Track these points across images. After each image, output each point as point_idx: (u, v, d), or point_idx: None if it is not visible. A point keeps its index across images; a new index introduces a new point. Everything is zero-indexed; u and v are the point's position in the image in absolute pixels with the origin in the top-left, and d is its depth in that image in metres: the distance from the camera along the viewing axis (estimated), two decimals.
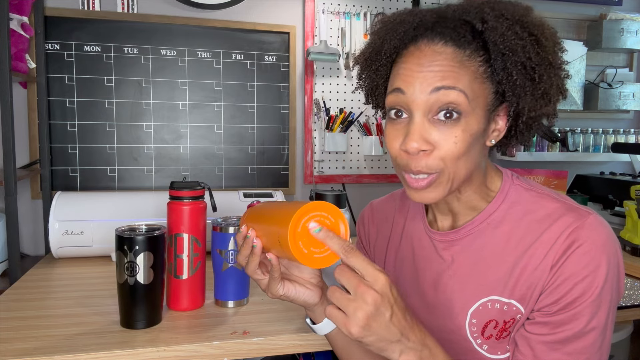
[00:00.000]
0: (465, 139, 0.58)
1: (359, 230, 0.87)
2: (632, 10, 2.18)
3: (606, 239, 0.59)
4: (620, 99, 2.10)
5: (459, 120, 0.58)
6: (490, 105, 0.61)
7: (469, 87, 0.58)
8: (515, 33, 0.58)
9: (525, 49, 0.58)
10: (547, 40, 0.59)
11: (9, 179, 1.25)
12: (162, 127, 1.75)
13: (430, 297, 0.71)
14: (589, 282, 0.58)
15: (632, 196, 1.42)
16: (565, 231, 0.60)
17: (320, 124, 1.89)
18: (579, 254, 0.58)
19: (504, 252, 0.64)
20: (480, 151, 0.63)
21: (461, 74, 0.58)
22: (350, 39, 1.87)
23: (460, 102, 0.57)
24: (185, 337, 0.87)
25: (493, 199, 0.67)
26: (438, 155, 0.59)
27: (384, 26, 0.65)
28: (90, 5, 1.66)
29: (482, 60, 0.59)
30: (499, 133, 0.64)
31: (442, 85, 0.57)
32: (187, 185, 0.99)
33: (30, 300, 1.07)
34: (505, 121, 0.64)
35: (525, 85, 0.59)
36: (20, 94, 1.62)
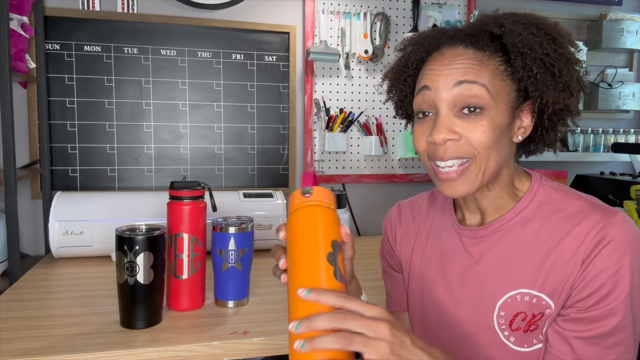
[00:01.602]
0: (491, 128, 0.62)
1: (385, 229, 0.87)
2: (632, 10, 2.18)
3: (634, 236, 0.61)
4: (620, 99, 2.10)
5: (483, 113, 0.62)
6: (514, 102, 0.64)
7: (490, 82, 0.62)
8: (531, 33, 0.62)
9: (542, 45, 0.62)
10: (562, 38, 0.63)
11: (9, 179, 1.25)
12: (162, 127, 1.75)
13: (457, 292, 0.72)
14: (621, 277, 0.59)
15: (632, 196, 1.42)
16: (595, 227, 0.61)
17: (320, 124, 1.89)
18: (610, 250, 0.60)
19: (534, 247, 0.66)
20: (508, 147, 0.66)
21: (482, 70, 0.62)
22: (350, 39, 1.87)
23: (483, 95, 0.62)
24: (185, 337, 0.87)
25: (522, 199, 0.69)
26: (467, 142, 0.63)
27: (410, 42, 0.72)
28: (90, 5, 1.66)
29: (501, 61, 0.63)
30: (525, 130, 0.67)
31: (465, 80, 0.62)
32: (187, 185, 0.99)
33: (30, 300, 1.07)
34: (531, 118, 0.67)
35: (546, 80, 0.62)
36: (20, 94, 1.62)
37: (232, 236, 0.99)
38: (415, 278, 0.79)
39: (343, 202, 1.53)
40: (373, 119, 1.93)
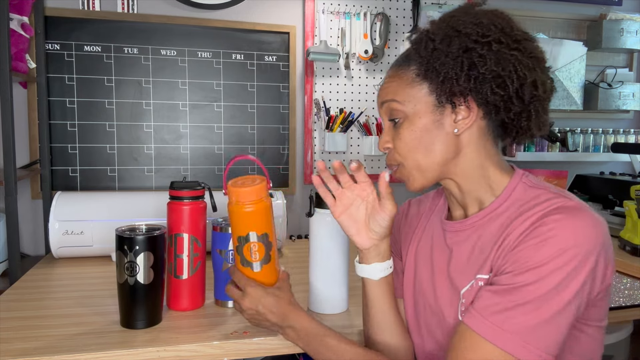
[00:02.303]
0: (410, 133, 0.70)
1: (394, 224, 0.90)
2: (632, 10, 2.18)
3: (580, 223, 0.59)
4: (620, 99, 2.10)
5: (403, 122, 0.71)
6: (436, 100, 0.69)
7: (403, 92, 0.71)
8: (419, 40, 0.70)
9: (423, 46, 0.69)
10: (438, 33, 0.68)
11: (9, 179, 1.25)
12: (162, 127, 1.75)
13: (437, 283, 0.75)
14: (543, 250, 0.58)
15: (632, 196, 1.42)
16: (544, 209, 0.62)
17: (320, 124, 1.89)
18: (543, 225, 0.60)
19: (495, 237, 0.67)
20: (445, 141, 0.70)
21: (398, 85, 0.72)
22: (350, 39, 1.88)
23: (398, 108, 0.71)
24: (185, 337, 0.87)
25: (499, 196, 0.70)
26: (396, 150, 0.73)
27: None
28: (90, 5, 1.66)
29: (415, 69, 0.70)
30: (464, 121, 0.69)
31: (383, 100, 0.74)
32: (187, 185, 0.99)
33: (30, 300, 1.07)
34: (471, 108, 0.68)
35: (434, 75, 0.68)
36: (20, 94, 1.62)
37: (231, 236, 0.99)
38: (410, 268, 0.82)
39: None
40: (373, 119, 1.93)
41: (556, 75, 2.03)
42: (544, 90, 0.68)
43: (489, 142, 0.72)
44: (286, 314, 0.79)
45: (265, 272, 0.83)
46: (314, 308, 0.99)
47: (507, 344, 0.57)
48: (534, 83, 0.66)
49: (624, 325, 1.44)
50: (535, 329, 0.57)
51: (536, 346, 0.57)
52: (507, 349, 0.57)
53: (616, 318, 1.06)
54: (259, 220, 0.81)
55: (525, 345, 0.57)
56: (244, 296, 0.80)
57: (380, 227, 0.74)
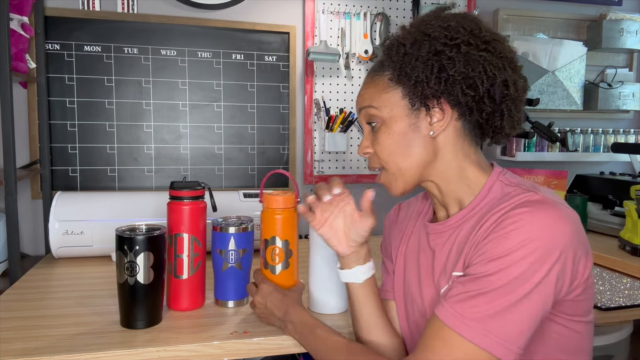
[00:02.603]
0: (387, 137, 0.72)
1: (384, 225, 0.94)
2: (632, 10, 2.18)
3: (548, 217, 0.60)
4: (620, 99, 2.10)
5: (380, 126, 0.73)
6: (411, 103, 0.70)
7: (378, 98, 0.73)
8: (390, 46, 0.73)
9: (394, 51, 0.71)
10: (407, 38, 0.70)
11: (9, 179, 1.25)
12: (162, 127, 1.75)
13: (423, 284, 0.76)
14: (505, 243, 0.59)
15: (632, 196, 1.42)
16: (512, 205, 0.63)
17: (320, 124, 1.90)
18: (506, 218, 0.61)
19: (469, 235, 0.68)
20: (422, 143, 0.71)
21: (373, 91, 0.74)
22: (350, 39, 1.88)
23: (375, 113, 0.73)
24: (185, 337, 0.87)
25: (477, 195, 0.71)
26: (375, 154, 0.75)
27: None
28: (90, 5, 1.66)
29: (389, 74, 0.72)
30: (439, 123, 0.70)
31: (361, 107, 0.76)
32: (187, 185, 0.99)
33: (30, 300, 1.07)
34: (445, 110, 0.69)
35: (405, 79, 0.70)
36: (20, 94, 1.62)
37: (232, 236, 0.99)
38: (399, 271, 0.83)
39: None
40: None
41: (556, 75, 2.03)
42: (515, 89, 0.69)
43: (466, 143, 0.73)
44: (288, 310, 0.85)
45: (283, 276, 0.94)
46: (314, 308, 0.99)
47: (468, 331, 0.58)
48: (505, 82, 0.68)
49: (624, 325, 1.44)
50: (495, 317, 0.57)
51: (496, 334, 0.57)
52: (468, 337, 0.58)
53: (616, 318, 1.06)
54: (282, 227, 0.94)
55: (486, 333, 0.57)
56: (257, 292, 0.90)
57: (360, 237, 0.78)
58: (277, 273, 0.94)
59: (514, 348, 0.57)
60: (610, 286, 1.19)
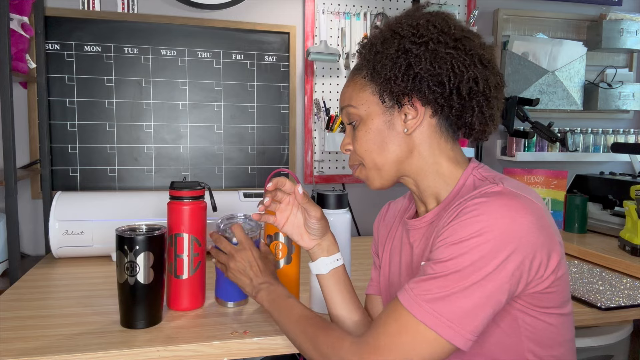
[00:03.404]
0: (365, 135, 0.74)
1: (374, 225, 0.95)
2: (632, 10, 2.19)
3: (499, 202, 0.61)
4: (620, 99, 2.10)
5: (359, 125, 0.76)
6: (385, 101, 0.72)
7: (356, 97, 0.75)
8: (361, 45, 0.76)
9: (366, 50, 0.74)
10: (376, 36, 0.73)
11: (9, 179, 1.25)
12: (162, 127, 1.76)
13: (404, 280, 0.78)
14: (461, 230, 0.61)
15: (632, 196, 1.42)
16: (475, 195, 0.64)
17: (320, 124, 1.90)
18: (463, 207, 0.63)
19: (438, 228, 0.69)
20: (397, 140, 0.73)
21: (352, 90, 0.76)
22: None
23: (353, 112, 0.76)
24: (185, 337, 0.88)
25: (452, 190, 0.73)
26: (355, 151, 0.77)
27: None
28: (91, 5, 1.66)
29: (363, 74, 0.75)
30: (414, 120, 0.72)
31: (342, 106, 0.78)
32: (187, 185, 0.99)
33: (30, 300, 1.07)
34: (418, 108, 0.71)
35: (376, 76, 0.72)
36: (20, 94, 1.62)
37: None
38: (385, 267, 0.86)
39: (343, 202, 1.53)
40: None
41: (556, 75, 2.03)
42: (486, 86, 0.69)
43: (442, 139, 0.74)
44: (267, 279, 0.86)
45: (286, 271, 0.98)
46: (315, 307, 0.99)
47: (419, 311, 0.60)
48: (475, 79, 0.68)
49: (624, 325, 1.44)
50: (445, 300, 0.59)
51: (445, 316, 0.59)
52: (418, 316, 0.60)
53: (616, 318, 1.06)
54: None
55: (435, 314, 0.59)
56: (240, 250, 0.89)
57: (314, 229, 0.83)
58: (280, 267, 0.98)
59: (463, 332, 0.58)
60: (610, 286, 1.19)
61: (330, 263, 0.84)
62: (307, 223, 0.84)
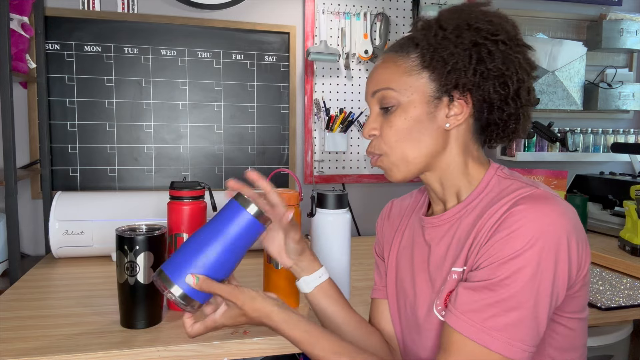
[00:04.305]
0: (401, 123, 0.70)
1: (377, 223, 0.92)
2: (632, 10, 2.19)
3: (547, 210, 0.60)
4: (620, 99, 2.10)
5: (396, 110, 0.70)
6: (434, 92, 0.69)
7: (399, 81, 0.70)
8: (427, 27, 0.70)
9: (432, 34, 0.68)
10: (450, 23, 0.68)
11: (9, 179, 1.25)
12: (162, 127, 1.75)
13: (418, 280, 0.75)
14: (512, 242, 0.59)
15: (632, 196, 1.42)
16: (513, 199, 0.63)
17: (320, 124, 1.90)
18: (511, 215, 0.61)
19: (469, 230, 0.68)
20: (435, 134, 0.70)
21: (392, 72, 0.71)
22: (350, 39, 1.88)
23: (390, 96, 0.70)
24: (185, 337, 0.87)
25: (475, 189, 0.71)
26: (382, 139, 0.72)
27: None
28: (91, 5, 1.66)
29: (415, 57, 0.70)
30: (456, 117, 0.69)
31: (375, 89, 0.72)
32: (187, 185, 0.99)
33: (30, 300, 1.07)
34: (466, 105, 0.69)
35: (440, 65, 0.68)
36: (20, 94, 1.62)
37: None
38: (392, 268, 0.83)
39: (343, 202, 1.53)
40: None
41: (556, 75, 2.03)
42: (533, 97, 0.70)
43: (472, 141, 0.73)
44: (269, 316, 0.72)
45: (285, 271, 0.96)
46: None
47: (490, 341, 0.57)
48: (528, 88, 0.69)
49: (624, 325, 1.44)
50: (516, 325, 0.57)
51: (519, 340, 0.57)
52: (491, 347, 0.57)
53: (616, 318, 1.06)
54: None
55: (510, 341, 0.57)
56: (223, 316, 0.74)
57: (291, 250, 0.79)
58: (279, 267, 0.97)
59: (532, 349, 0.58)
60: (610, 286, 1.19)
61: (313, 281, 0.80)
62: (285, 241, 0.79)
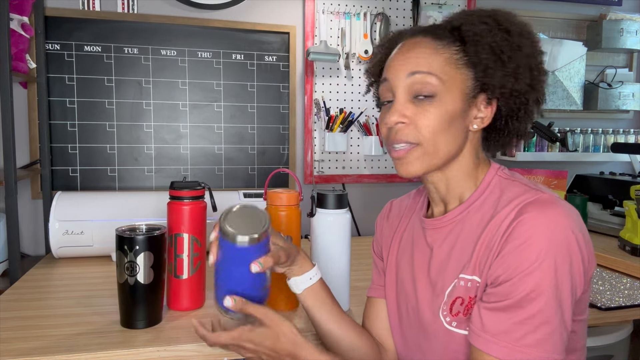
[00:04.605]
0: (440, 114, 0.66)
1: (376, 223, 0.91)
2: (632, 10, 2.18)
3: (555, 216, 0.60)
4: (620, 99, 2.10)
5: (434, 99, 0.66)
6: (470, 90, 0.67)
7: (442, 70, 0.66)
8: (485, 23, 0.67)
9: (492, 33, 0.66)
10: (515, 28, 0.67)
11: (9, 179, 1.25)
12: (162, 127, 1.75)
13: (419, 282, 0.75)
14: (528, 253, 0.59)
15: (632, 196, 1.42)
16: (519, 205, 0.63)
17: (320, 124, 1.90)
18: (522, 224, 0.60)
19: (474, 234, 0.68)
20: (463, 134, 0.69)
21: (435, 59, 0.66)
22: (350, 39, 1.88)
23: (433, 83, 0.66)
24: (185, 337, 0.88)
25: (476, 190, 0.71)
26: (415, 127, 0.67)
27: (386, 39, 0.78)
28: (91, 5, 1.66)
29: (457, 49, 0.67)
30: (482, 120, 0.69)
31: (416, 70, 0.66)
32: (187, 185, 0.99)
33: (30, 300, 1.07)
34: (491, 110, 0.69)
35: (494, 65, 0.66)
36: (20, 94, 1.62)
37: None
38: (391, 269, 0.82)
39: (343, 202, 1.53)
40: (373, 119, 1.93)
41: (556, 75, 2.03)
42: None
43: (480, 146, 0.74)
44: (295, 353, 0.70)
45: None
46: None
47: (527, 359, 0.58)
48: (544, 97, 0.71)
49: (624, 325, 1.44)
50: (548, 338, 0.58)
51: (553, 351, 0.58)
52: None
53: (616, 318, 1.06)
54: (286, 223, 0.97)
55: (545, 355, 0.57)
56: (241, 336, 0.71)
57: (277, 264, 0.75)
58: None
59: (564, 353, 0.59)
60: (610, 286, 1.19)
61: (302, 283, 0.79)
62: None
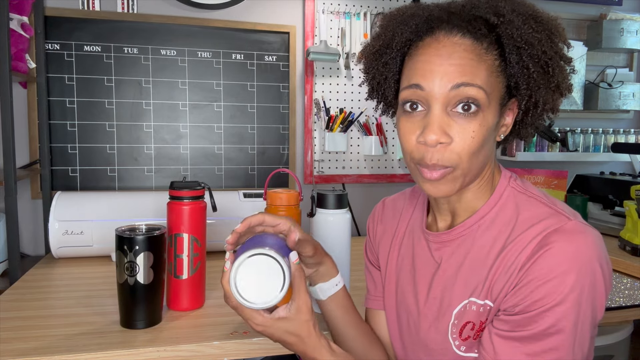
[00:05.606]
0: (482, 133, 0.58)
1: (368, 225, 0.86)
2: (632, 10, 2.18)
3: (582, 247, 0.55)
4: (620, 99, 2.10)
5: (477, 114, 0.58)
6: (502, 98, 0.61)
7: (487, 81, 0.58)
8: (531, 27, 0.58)
9: (540, 42, 0.58)
10: (558, 35, 0.60)
11: (9, 179, 1.25)
12: (162, 127, 1.75)
13: (422, 296, 0.71)
14: (553, 287, 0.55)
15: (632, 196, 1.42)
16: (542, 233, 0.58)
17: (320, 124, 1.89)
18: (547, 257, 0.56)
19: (488, 254, 0.63)
20: (492, 147, 0.64)
21: (480, 68, 0.58)
22: (350, 39, 1.88)
23: (479, 97, 0.57)
24: (185, 337, 0.87)
25: (487, 202, 0.66)
26: (455, 150, 0.58)
27: (392, 19, 0.65)
28: (90, 5, 1.66)
29: (497, 55, 0.59)
30: (506, 128, 0.65)
31: (462, 82, 0.57)
32: (187, 185, 0.99)
33: (30, 300, 1.07)
34: (513, 116, 0.64)
35: (540, 78, 0.59)
36: (20, 94, 1.62)
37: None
38: (391, 278, 0.78)
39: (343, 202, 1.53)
40: (373, 119, 1.93)
41: None
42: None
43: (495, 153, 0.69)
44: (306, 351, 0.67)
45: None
46: (316, 308, 0.99)
47: None
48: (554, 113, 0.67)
49: (624, 325, 1.44)
50: None
51: None
52: None
53: (616, 318, 1.06)
54: None
55: None
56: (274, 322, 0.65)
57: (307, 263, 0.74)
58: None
59: None
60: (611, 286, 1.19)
61: (328, 289, 0.76)
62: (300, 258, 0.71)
